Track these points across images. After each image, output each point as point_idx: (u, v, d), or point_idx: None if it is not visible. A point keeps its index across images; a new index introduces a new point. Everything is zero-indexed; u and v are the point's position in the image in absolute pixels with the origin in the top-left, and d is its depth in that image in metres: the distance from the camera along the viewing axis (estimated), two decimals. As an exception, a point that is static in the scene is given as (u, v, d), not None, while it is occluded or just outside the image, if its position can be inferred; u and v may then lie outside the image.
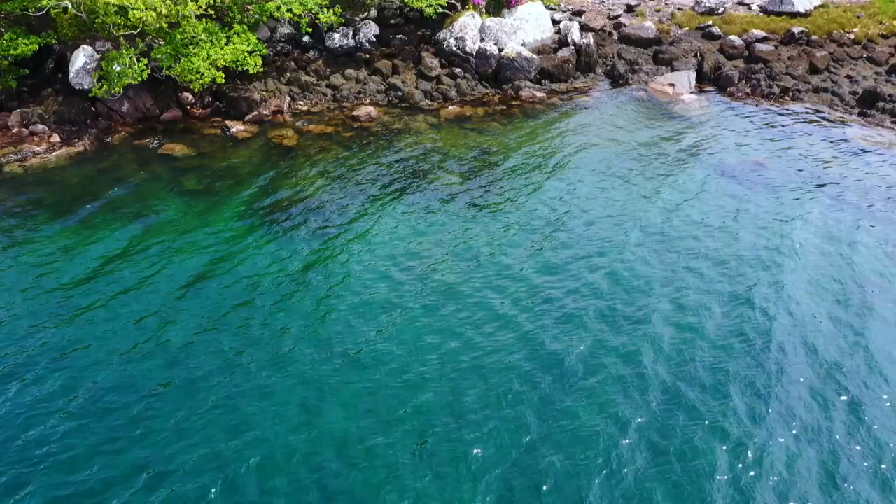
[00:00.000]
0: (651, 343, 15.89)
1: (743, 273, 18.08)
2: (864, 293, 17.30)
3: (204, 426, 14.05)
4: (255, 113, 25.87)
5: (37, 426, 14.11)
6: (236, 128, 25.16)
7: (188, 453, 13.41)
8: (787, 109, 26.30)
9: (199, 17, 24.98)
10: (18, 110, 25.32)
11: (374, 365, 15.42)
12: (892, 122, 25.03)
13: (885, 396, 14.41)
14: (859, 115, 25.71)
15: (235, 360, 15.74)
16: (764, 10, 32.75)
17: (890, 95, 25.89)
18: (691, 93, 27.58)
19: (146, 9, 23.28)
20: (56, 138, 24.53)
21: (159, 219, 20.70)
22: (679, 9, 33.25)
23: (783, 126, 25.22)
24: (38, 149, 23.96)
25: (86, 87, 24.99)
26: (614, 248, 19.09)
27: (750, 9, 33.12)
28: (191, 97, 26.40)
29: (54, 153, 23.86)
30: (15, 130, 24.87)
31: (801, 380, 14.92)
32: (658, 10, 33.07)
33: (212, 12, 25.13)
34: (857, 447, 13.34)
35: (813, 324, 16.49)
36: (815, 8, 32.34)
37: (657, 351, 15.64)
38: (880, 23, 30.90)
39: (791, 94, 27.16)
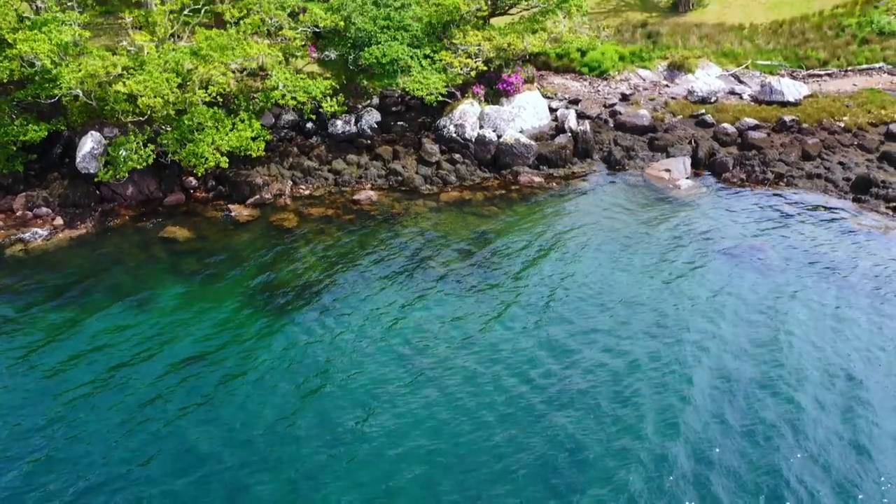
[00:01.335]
0: (641, 422, 15.71)
1: (738, 354, 17.93)
2: (854, 376, 17.17)
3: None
4: (258, 196, 26.24)
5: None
6: (238, 211, 25.46)
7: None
8: (781, 195, 26.66)
9: (208, 105, 25.70)
10: (24, 193, 25.71)
11: (366, 443, 15.17)
12: (887, 208, 25.32)
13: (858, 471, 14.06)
14: (853, 200, 26.03)
15: (229, 436, 15.47)
16: (755, 100, 33.70)
17: (883, 181, 26.30)
18: (687, 178, 28.03)
19: (154, 96, 23.96)
20: (59, 221, 24.80)
21: (157, 301, 20.69)
22: (672, 98, 34.24)
23: (779, 211, 25.50)
24: (41, 231, 24.17)
25: (92, 171, 25.45)
26: (612, 329, 18.99)
27: (741, 98, 34.09)
28: (194, 181, 26.83)
29: (57, 236, 24.07)
30: (19, 213, 25.17)
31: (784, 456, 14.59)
32: (652, 99, 34.04)
33: (220, 99, 25.85)
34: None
35: (799, 399, 16.31)
36: (805, 97, 33.27)
37: (644, 431, 15.39)
38: (868, 111, 31.73)
39: (785, 179, 27.60)
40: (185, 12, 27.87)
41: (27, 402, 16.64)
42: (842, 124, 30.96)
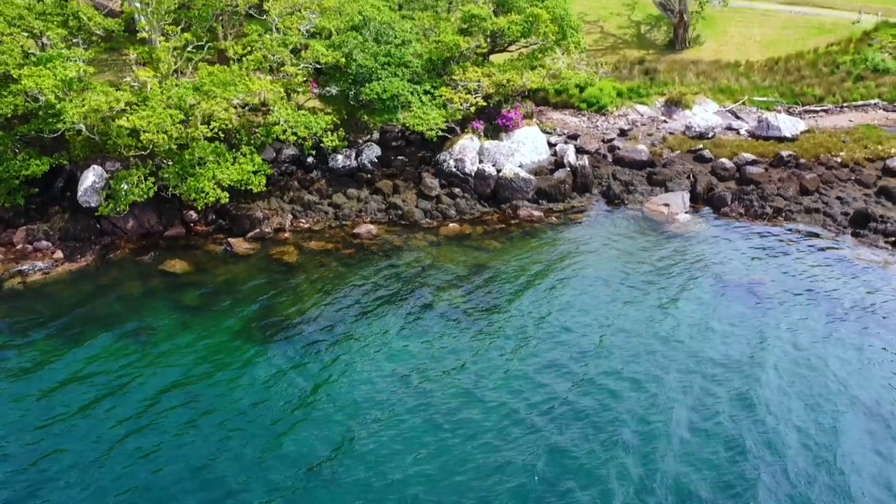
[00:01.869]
0: (623, 448, 15.61)
1: (729, 386, 17.84)
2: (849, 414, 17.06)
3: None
4: (258, 230, 26.30)
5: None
6: (238, 244, 25.48)
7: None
8: (780, 229, 26.72)
9: (209, 140, 25.89)
10: (24, 227, 25.75)
11: (363, 470, 15.03)
12: (886, 242, 25.36)
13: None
14: (852, 234, 26.08)
15: (226, 468, 15.30)
16: (752, 135, 34.00)
17: (881, 216, 26.39)
18: (686, 213, 28.13)
19: (157, 131, 24.15)
20: (59, 254, 24.80)
21: (154, 334, 20.57)
22: (670, 133, 34.54)
23: (778, 245, 25.54)
24: (41, 264, 24.16)
25: (93, 205, 25.54)
26: (610, 363, 18.88)
27: (738, 133, 34.39)
28: (195, 214, 26.90)
29: (56, 269, 24.05)
30: (19, 247, 25.17)
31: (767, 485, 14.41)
32: (650, 134, 34.34)
33: (221, 134, 26.05)
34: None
35: (784, 433, 16.19)
36: (802, 133, 33.57)
37: (625, 454, 15.31)
38: (865, 147, 31.98)
39: (784, 214, 27.71)
40: (189, 49, 28.26)
41: (19, 435, 16.54)
42: (839, 159, 31.18)
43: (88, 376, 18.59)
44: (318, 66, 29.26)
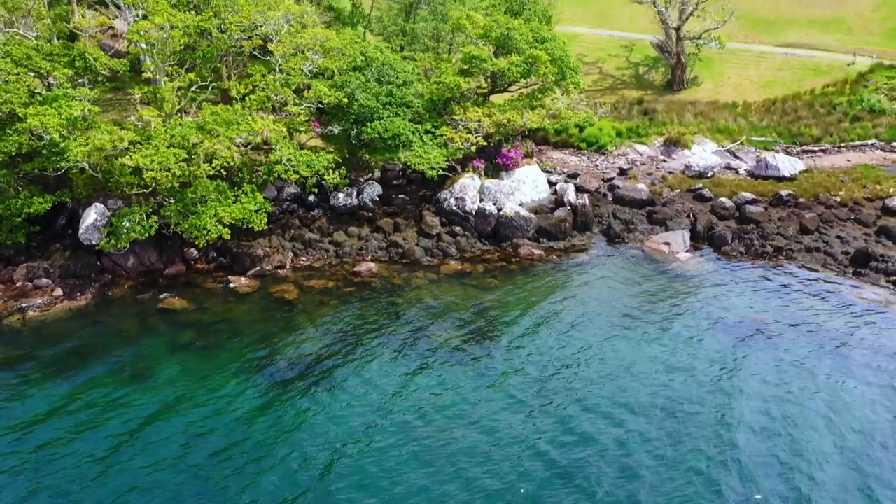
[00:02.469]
0: (619, 472, 15.39)
1: (725, 416, 17.67)
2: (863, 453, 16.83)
3: None
4: (258, 268, 26.26)
5: None
6: (238, 282, 25.43)
7: None
8: (781, 268, 26.69)
9: (212, 177, 26.02)
10: (25, 264, 25.71)
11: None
12: (887, 281, 25.32)
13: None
14: (854, 274, 26.04)
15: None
16: (751, 174, 34.21)
17: (882, 255, 26.40)
18: (686, 251, 28.14)
19: (161, 170, 24.28)
20: (59, 292, 24.72)
21: (153, 373, 20.36)
22: (670, 172, 34.76)
23: (779, 284, 25.47)
24: (40, 302, 24.06)
25: (94, 242, 25.54)
26: (610, 403, 18.68)
27: (738, 173, 34.61)
28: (195, 252, 26.89)
29: (55, 307, 23.95)
30: (19, 284, 25.09)
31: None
32: (650, 174, 34.57)
33: (223, 172, 26.19)
34: None
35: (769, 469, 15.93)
36: (800, 172, 33.80)
37: (623, 479, 15.00)
38: (864, 186, 32.17)
39: (784, 253, 27.72)
40: (193, 88, 28.58)
41: (6, 467, 16.28)
42: (838, 199, 31.33)
43: (78, 411, 18.49)
44: (321, 105, 29.58)
